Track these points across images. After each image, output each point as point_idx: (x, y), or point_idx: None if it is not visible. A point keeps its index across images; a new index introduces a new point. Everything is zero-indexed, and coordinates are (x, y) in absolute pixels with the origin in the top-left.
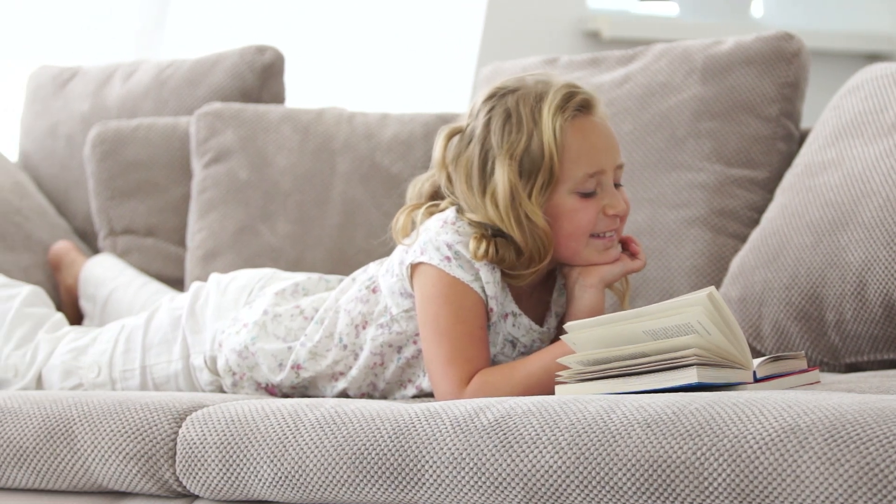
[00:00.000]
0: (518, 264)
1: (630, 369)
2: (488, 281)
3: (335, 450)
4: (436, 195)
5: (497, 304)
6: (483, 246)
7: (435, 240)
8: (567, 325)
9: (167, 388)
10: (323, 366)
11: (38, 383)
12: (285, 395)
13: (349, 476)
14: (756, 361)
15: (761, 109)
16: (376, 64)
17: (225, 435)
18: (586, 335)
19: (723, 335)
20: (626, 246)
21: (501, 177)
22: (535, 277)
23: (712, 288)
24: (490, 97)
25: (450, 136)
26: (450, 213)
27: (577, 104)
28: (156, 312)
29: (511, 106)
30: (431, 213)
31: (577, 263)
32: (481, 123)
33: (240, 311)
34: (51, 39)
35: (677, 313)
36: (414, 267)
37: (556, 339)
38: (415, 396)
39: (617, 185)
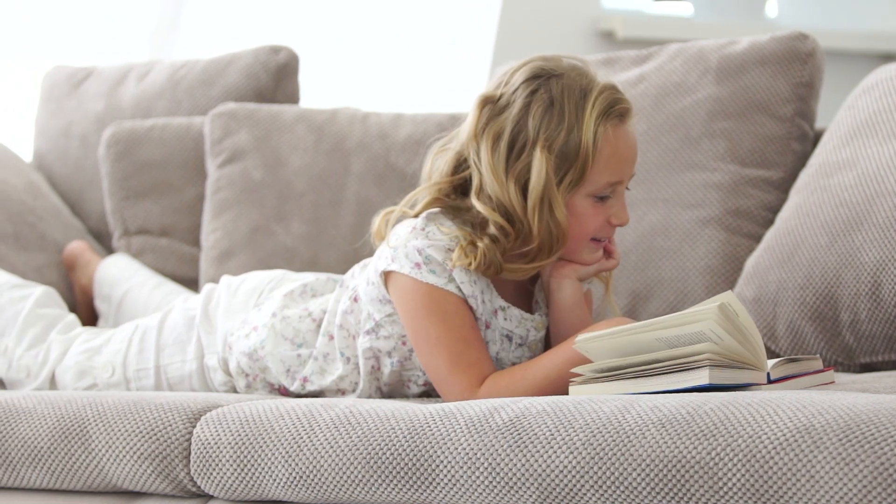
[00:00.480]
0: (517, 257)
1: (643, 371)
2: (463, 281)
3: (350, 450)
4: (455, 171)
5: (478, 303)
6: (469, 258)
7: (404, 246)
8: (578, 338)
9: (181, 388)
10: (328, 381)
11: (52, 384)
12: (299, 396)
13: (364, 476)
14: (771, 363)
15: (776, 109)
16: (390, 64)
17: (239, 435)
18: (599, 345)
19: (737, 342)
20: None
21: (538, 167)
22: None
23: (727, 295)
24: (533, 77)
25: (483, 104)
26: (420, 219)
27: (619, 112)
28: (169, 313)
29: (556, 95)
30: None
31: (568, 260)
32: (520, 103)
33: (249, 313)
34: (65, 39)
35: (690, 322)
36: (386, 275)
37: (552, 331)
38: (423, 395)
39: None
